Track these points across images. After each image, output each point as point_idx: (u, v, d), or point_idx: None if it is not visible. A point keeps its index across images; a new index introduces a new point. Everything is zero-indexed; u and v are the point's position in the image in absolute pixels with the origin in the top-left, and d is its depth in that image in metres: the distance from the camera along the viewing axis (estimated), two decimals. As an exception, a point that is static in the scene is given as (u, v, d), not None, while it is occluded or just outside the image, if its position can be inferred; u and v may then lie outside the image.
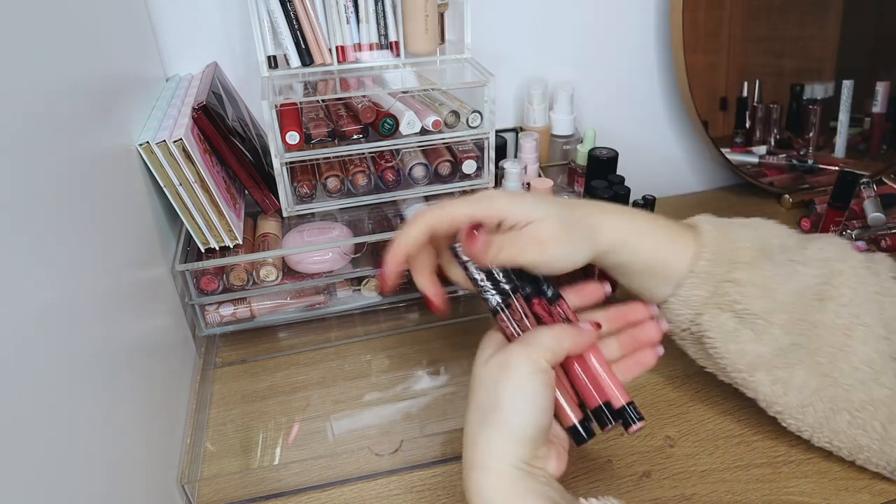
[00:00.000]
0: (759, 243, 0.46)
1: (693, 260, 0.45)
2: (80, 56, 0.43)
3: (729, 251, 0.45)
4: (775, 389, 0.45)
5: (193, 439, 0.50)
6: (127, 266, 0.45)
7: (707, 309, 0.45)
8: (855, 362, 0.43)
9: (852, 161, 0.88)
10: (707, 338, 0.46)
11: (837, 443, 0.45)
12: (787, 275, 0.44)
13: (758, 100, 0.85)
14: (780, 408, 0.46)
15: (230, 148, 0.58)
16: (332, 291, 0.64)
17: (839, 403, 0.44)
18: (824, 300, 0.44)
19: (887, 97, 0.85)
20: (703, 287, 0.45)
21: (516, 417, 0.36)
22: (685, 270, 0.45)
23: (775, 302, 0.44)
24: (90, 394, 0.35)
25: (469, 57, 0.67)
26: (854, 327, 0.43)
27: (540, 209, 0.42)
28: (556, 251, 0.42)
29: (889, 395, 0.43)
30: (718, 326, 0.45)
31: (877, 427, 0.43)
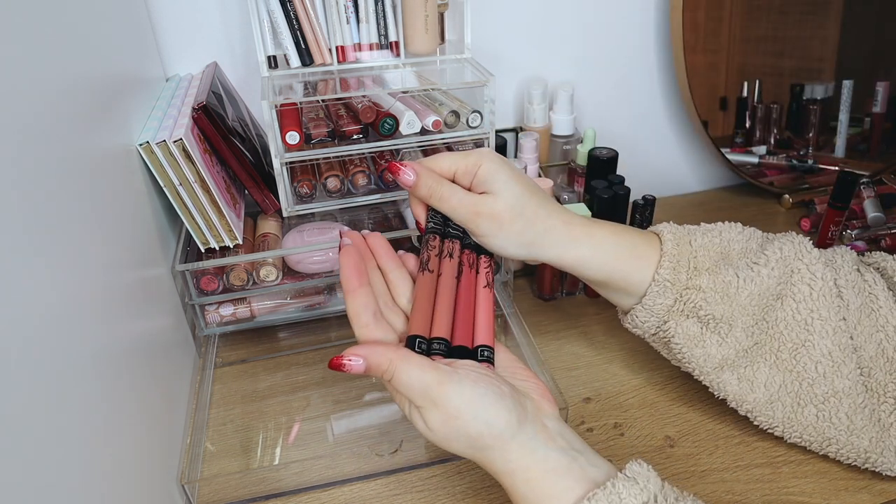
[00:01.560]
0: (720, 249, 0.47)
1: (656, 269, 0.46)
2: (81, 56, 0.43)
3: (690, 259, 0.46)
4: (742, 387, 0.46)
5: (193, 439, 0.50)
6: (127, 266, 0.45)
7: (672, 316, 0.47)
8: (816, 356, 0.44)
9: (852, 161, 0.88)
10: (673, 343, 0.47)
11: (807, 437, 0.46)
12: (747, 278, 0.45)
13: (758, 100, 0.85)
14: (749, 406, 0.47)
15: (230, 148, 0.58)
16: (332, 291, 0.64)
17: (804, 397, 0.45)
18: (783, 298, 0.45)
19: (887, 97, 0.85)
20: (666, 295, 0.46)
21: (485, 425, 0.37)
22: (648, 280, 0.46)
23: (736, 306, 0.45)
24: (90, 393, 0.35)
25: (469, 57, 0.67)
26: (812, 322, 0.44)
27: (506, 187, 0.43)
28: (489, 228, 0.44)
29: (851, 386, 0.44)
30: (683, 332, 0.46)
31: (842, 418, 0.44)
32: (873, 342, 0.45)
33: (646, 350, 0.61)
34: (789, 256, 0.46)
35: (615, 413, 0.54)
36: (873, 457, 0.45)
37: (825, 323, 0.44)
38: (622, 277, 0.47)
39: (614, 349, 0.62)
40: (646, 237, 0.48)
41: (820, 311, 0.44)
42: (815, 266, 0.45)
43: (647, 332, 0.49)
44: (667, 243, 0.46)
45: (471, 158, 0.44)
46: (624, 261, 0.46)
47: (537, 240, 0.45)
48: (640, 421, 0.53)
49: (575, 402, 0.55)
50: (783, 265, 0.46)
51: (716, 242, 0.47)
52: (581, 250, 0.45)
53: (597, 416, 0.54)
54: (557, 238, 0.45)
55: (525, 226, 0.44)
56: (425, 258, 0.44)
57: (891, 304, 0.45)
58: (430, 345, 0.40)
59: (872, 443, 0.45)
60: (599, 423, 0.53)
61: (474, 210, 0.43)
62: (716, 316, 0.45)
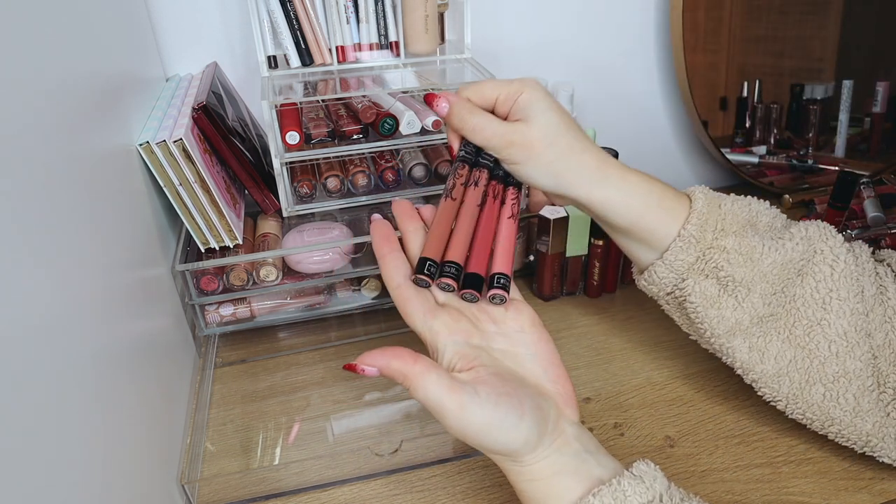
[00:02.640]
0: (748, 218, 0.47)
1: (683, 224, 0.46)
2: (80, 56, 0.43)
3: (718, 220, 0.46)
4: (752, 357, 0.46)
5: (193, 439, 0.50)
6: (127, 266, 0.45)
7: (691, 274, 0.46)
8: (831, 335, 0.44)
9: (852, 161, 0.88)
10: (689, 302, 0.47)
11: (810, 415, 0.46)
12: (771, 248, 0.45)
13: (758, 100, 0.85)
14: (755, 375, 0.47)
15: (230, 148, 0.58)
16: (332, 291, 0.64)
17: (814, 375, 0.45)
18: (804, 275, 0.45)
19: (887, 97, 0.85)
20: (689, 251, 0.46)
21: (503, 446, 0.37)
22: (673, 235, 0.46)
23: (757, 271, 0.45)
24: (90, 393, 0.35)
25: (469, 57, 0.67)
26: (831, 301, 0.45)
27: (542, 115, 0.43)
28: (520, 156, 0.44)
29: (862, 368, 0.44)
30: (701, 292, 0.46)
31: (849, 399, 0.44)
32: (882, 332, 0.45)
33: (646, 350, 0.61)
34: (814, 237, 0.46)
35: (615, 413, 0.54)
36: (874, 440, 0.45)
37: (843, 303, 0.44)
38: (647, 227, 0.46)
39: (614, 349, 0.62)
40: (677, 193, 0.47)
41: (839, 292, 0.44)
42: (839, 249, 0.45)
43: (662, 291, 0.49)
44: (697, 201, 0.46)
45: (513, 86, 0.44)
46: (652, 210, 0.46)
47: (568, 173, 0.44)
48: (640, 421, 0.53)
49: (575, 402, 0.55)
50: (807, 243, 0.46)
51: (745, 211, 0.47)
52: (610, 191, 0.45)
53: (597, 416, 0.54)
54: (588, 175, 0.45)
55: (557, 156, 0.44)
56: (450, 185, 0.44)
57: None
58: (441, 268, 0.39)
59: (875, 427, 0.45)
60: (599, 423, 0.53)
61: (507, 139, 0.43)
62: (736, 278, 0.45)
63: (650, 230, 0.46)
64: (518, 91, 0.44)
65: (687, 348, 0.61)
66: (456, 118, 0.44)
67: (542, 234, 0.65)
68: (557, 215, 0.63)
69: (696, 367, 0.59)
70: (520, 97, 0.44)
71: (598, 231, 0.66)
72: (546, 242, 0.65)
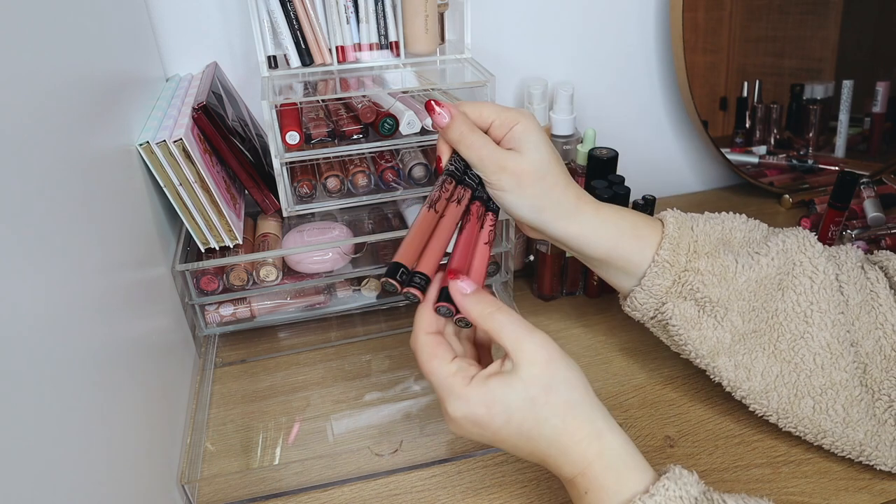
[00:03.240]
0: (721, 236, 0.48)
1: (656, 250, 0.47)
2: (80, 56, 0.43)
3: (690, 242, 0.47)
4: (738, 374, 0.47)
5: (193, 439, 0.50)
6: (127, 266, 0.45)
7: (670, 297, 0.47)
8: (815, 348, 0.45)
9: (852, 161, 0.88)
10: (671, 325, 0.48)
11: (802, 428, 0.47)
12: (745, 265, 0.46)
13: (758, 100, 0.85)
14: (743, 393, 0.47)
15: (230, 148, 0.58)
16: (332, 291, 0.64)
17: (801, 388, 0.45)
18: (784, 289, 0.46)
19: (887, 97, 0.85)
20: (664, 276, 0.47)
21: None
22: (648, 261, 0.47)
23: (733, 290, 0.46)
24: (90, 394, 0.35)
25: (469, 57, 0.67)
26: (812, 314, 0.45)
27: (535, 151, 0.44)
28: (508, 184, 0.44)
29: (848, 378, 0.45)
30: (680, 314, 0.47)
31: (839, 410, 0.45)
32: (871, 339, 0.45)
33: (646, 350, 0.61)
34: (792, 249, 0.46)
35: (615, 413, 0.54)
36: (868, 450, 0.45)
37: (824, 315, 0.45)
38: (622, 256, 0.47)
39: (614, 349, 0.62)
40: (649, 220, 0.48)
41: (820, 304, 0.45)
42: (818, 260, 0.46)
43: (645, 315, 0.50)
44: (668, 226, 0.47)
45: (510, 114, 0.45)
46: (626, 239, 0.47)
47: (549, 208, 0.45)
48: (640, 421, 0.53)
49: (575, 402, 0.55)
50: (784, 256, 0.46)
51: (717, 229, 0.48)
52: (585, 225, 0.46)
53: (597, 416, 0.54)
54: (566, 210, 0.46)
55: (542, 191, 0.45)
56: (434, 197, 0.44)
57: (891, 302, 0.46)
58: (411, 277, 0.40)
59: (868, 436, 0.45)
60: (599, 423, 0.53)
61: (500, 164, 0.44)
62: (712, 299, 0.46)
63: (626, 258, 0.47)
64: (514, 120, 0.44)
65: (687, 348, 0.61)
66: (455, 132, 0.44)
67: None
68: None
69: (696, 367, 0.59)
70: (515, 126, 0.44)
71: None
72: (546, 242, 0.65)
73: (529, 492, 0.48)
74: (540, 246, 0.66)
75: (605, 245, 0.47)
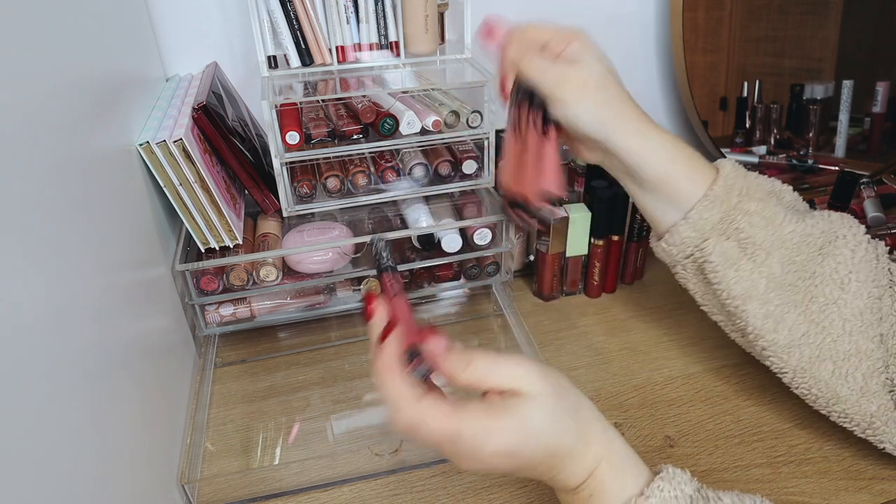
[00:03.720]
0: (773, 190, 0.49)
1: (710, 185, 0.47)
2: (81, 56, 0.43)
3: (744, 185, 0.47)
4: (766, 324, 0.46)
5: (193, 439, 0.50)
6: (127, 266, 0.45)
7: (713, 234, 0.47)
8: (846, 314, 0.45)
9: (852, 161, 0.88)
10: (708, 262, 0.47)
11: (816, 391, 0.46)
12: (793, 219, 0.46)
13: (758, 100, 0.85)
14: (766, 343, 0.47)
15: (230, 148, 0.58)
16: (332, 291, 0.64)
17: (825, 351, 0.45)
18: (824, 255, 0.46)
19: (887, 97, 0.85)
20: (713, 210, 0.46)
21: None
22: (698, 196, 0.47)
23: (777, 237, 0.46)
24: (89, 393, 0.35)
25: (469, 57, 0.67)
26: (850, 282, 0.45)
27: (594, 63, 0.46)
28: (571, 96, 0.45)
29: (874, 349, 0.45)
30: (721, 252, 0.47)
31: (857, 378, 0.45)
32: (887, 322, 0.46)
33: (646, 350, 0.61)
34: (836, 222, 0.47)
35: (615, 413, 0.54)
36: (877, 423, 0.45)
37: (861, 286, 0.45)
38: (676, 184, 0.47)
39: (614, 349, 0.62)
40: (704, 161, 0.49)
41: (859, 274, 0.45)
42: (861, 237, 0.46)
43: (682, 254, 0.49)
44: (725, 167, 0.48)
45: (565, 32, 0.46)
46: (682, 167, 0.47)
47: (612, 119, 0.46)
48: (640, 421, 0.53)
49: (575, 402, 0.55)
50: (829, 225, 0.47)
51: (769, 184, 0.49)
52: (648, 142, 0.47)
53: (597, 416, 0.54)
54: (630, 124, 0.46)
55: (606, 100, 0.46)
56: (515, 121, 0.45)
57: None
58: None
59: (881, 410, 0.45)
60: (599, 423, 0.53)
61: (562, 75, 0.45)
62: (756, 240, 0.46)
63: (678, 187, 0.47)
64: (569, 38, 0.46)
65: (687, 349, 0.61)
66: (514, 49, 0.45)
67: (542, 234, 0.65)
68: (557, 216, 0.63)
69: (696, 367, 0.59)
70: (573, 43, 0.46)
71: (598, 231, 0.66)
72: (546, 242, 0.65)
73: (529, 492, 0.48)
74: (540, 246, 0.66)
75: (662, 167, 0.47)
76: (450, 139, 0.62)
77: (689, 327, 0.64)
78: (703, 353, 0.61)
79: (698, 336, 0.62)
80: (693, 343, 0.62)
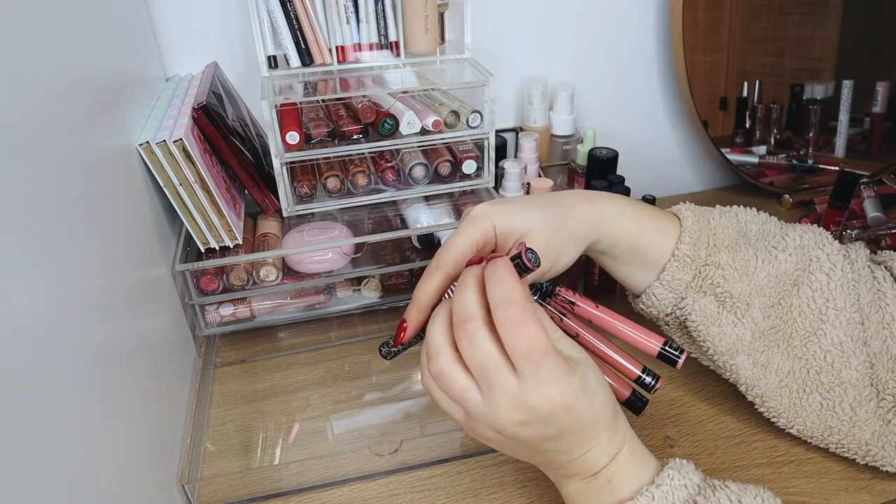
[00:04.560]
0: (738, 229, 0.48)
1: (676, 244, 0.46)
2: (80, 56, 0.43)
3: (710, 236, 0.47)
4: (756, 373, 0.46)
5: (193, 439, 0.50)
6: (127, 266, 0.45)
7: (689, 293, 0.47)
8: (826, 345, 0.45)
9: (852, 161, 0.88)
10: (690, 321, 0.47)
11: (810, 425, 0.46)
12: (765, 260, 0.46)
13: (758, 100, 0.85)
14: (759, 391, 0.47)
15: (230, 148, 0.58)
16: (332, 291, 0.64)
17: (810, 384, 0.45)
18: (799, 285, 0.46)
19: (887, 97, 0.85)
20: (685, 270, 0.46)
21: None
22: (668, 255, 0.46)
23: (754, 285, 0.45)
24: (89, 394, 0.35)
25: (469, 57, 0.67)
26: (827, 311, 0.45)
27: (525, 220, 0.42)
28: (548, 262, 0.42)
29: (858, 378, 0.44)
30: (700, 310, 0.46)
31: (846, 409, 0.45)
32: (879, 339, 0.45)
33: (646, 350, 0.61)
34: (809, 245, 0.46)
35: (615, 413, 0.54)
36: (874, 450, 0.45)
37: (840, 313, 0.45)
38: (644, 248, 0.47)
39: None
40: (665, 213, 0.48)
41: (836, 301, 0.45)
42: (836, 257, 0.46)
43: (662, 312, 0.49)
44: (686, 220, 0.47)
45: (479, 226, 0.41)
46: (646, 230, 0.46)
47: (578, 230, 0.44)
48: (640, 421, 0.53)
49: (575, 402, 0.55)
50: (802, 252, 0.46)
51: (733, 223, 0.48)
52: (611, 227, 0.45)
53: (597, 416, 0.54)
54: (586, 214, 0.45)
55: (569, 234, 0.44)
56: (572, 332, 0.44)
57: None
58: None
59: (875, 436, 0.45)
60: (599, 423, 0.53)
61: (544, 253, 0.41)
62: (733, 294, 0.45)
63: (646, 250, 0.47)
64: (488, 227, 0.41)
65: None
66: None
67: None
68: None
69: (696, 367, 0.59)
70: (497, 229, 0.41)
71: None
72: (546, 242, 0.65)
73: (529, 492, 0.48)
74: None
75: (629, 237, 0.46)
76: (450, 139, 0.62)
77: (689, 327, 0.64)
78: (703, 353, 0.60)
79: (698, 336, 0.62)
80: (693, 343, 0.62)
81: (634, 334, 0.43)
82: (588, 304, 0.44)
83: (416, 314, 0.40)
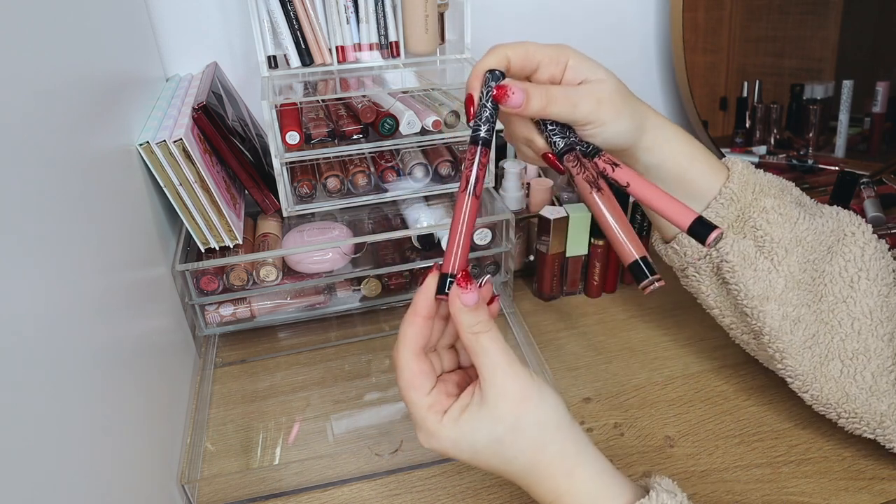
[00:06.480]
0: (784, 186, 0.48)
1: (724, 182, 0.46)
2: (81, 56, 0.43)
3: (756, 182, 0.47)
4: (783, 326, 0.46)
5: (193, 439, 0.50)
6: (127, 266, 0.45)
7: (730, 232, 0.47)
8: (855, 313, 0.45)
9: (852, 161, 0.88)
10: (725, 262, 0.47)
11: (826, 391, 0.46)
12: (807, 217, 0.46)
13: (758, 100, 0.85)
14: (782, 345, 0.46)
15: (230, 148, 0.58)
16: (332, 291, 0.64)
17: (833, 350, 0.45)
18: (833, 254, 0.46)
19: (887, 97, 0.85)
20: (730, 208, 0.46)
21: None
22: (714, 192, 0.46)
23: (795, 234, 0.46)
24: (90, 394, 0.35)
25: (469, 57, 0.67)
26: (860, 280, 0.45)
27: (602, 71, 0.42)
28: (609, 114, 0.41)
29: (883, 348, 0.45)
30: (739, 251, 0.46)
31: (867, 377, 0.45)
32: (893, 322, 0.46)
33: (646, 350, 0.61)
34: (844, 220, 0.47)
35: (615, 413, 0.54)
36: (887, 422, 0.45)
37: (872, 283, 0.45)
38: (693, 181, 0.46)
39: (614, 349, 0.62)
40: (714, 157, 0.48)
41: (869, 272, 0.45)
42: (869, 234, 0.46)
43: (696, 254, 0.48)
44: (735, 165, 0.47)
45: (554, 50, 0.41)
46: (699, 164, 0.46)
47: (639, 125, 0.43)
48: (640, 421, 0.53)
49: (575, 402, 0.55)
50: (837, 224, 0.47)
51: (778, 181, 0.48)
52: (668, 142, 0.45)
53: (597, 416, 0.54)
54: (650, 126, 0.44)
55: (632, 107, 0.43)
56: (591, 177, 0.40)
57: None
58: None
59: (891, 408, 0.45)
60: (599, 423, 0.53)
61: (596, 97, 0.40)
62: (773, 238, 0.45)
63: (694, 184, 0.46)
64: (562, 55, 0.41)
65: (687, 348, 0.61)
66: (538, 101, 0.39)
67: (542, 234, 0.65)
68: (557, 215, 0.63)
69: (696, 367, 0.59)
70: (568, 61, 0.41)
71: (597, 231, 0.66)
72: (546, 242, 0.65)
73: (529, 492, 0.48)
74: (540, 246, 0.66)
75: (681, 164, 0.45)
76: (450, 139, 0.62)
77: (688, 327, 0.64)
78: (703, 353, 0.61)
79: (698, 336, 0.62)
80: (693, 343, 0.62)
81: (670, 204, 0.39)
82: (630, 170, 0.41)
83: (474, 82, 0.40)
